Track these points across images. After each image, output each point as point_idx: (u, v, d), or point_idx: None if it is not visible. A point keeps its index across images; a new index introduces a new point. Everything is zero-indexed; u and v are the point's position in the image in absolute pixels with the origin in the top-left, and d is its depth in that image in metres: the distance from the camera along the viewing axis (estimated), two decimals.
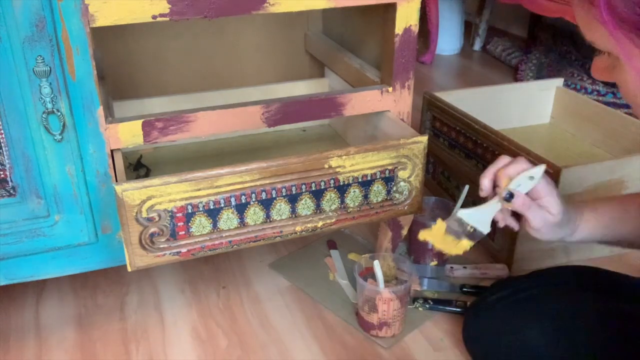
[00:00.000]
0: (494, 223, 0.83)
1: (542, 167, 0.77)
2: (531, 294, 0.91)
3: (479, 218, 0.81)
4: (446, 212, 1.21)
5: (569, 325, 0.84)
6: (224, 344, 1.05)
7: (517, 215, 0.81)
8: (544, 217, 0.78)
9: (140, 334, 1.07)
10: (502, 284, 1.02)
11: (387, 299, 1.01)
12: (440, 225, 0.84)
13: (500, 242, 1.23)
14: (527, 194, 0.77)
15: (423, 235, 0.85)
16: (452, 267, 1.21)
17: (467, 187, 1.08)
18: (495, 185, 0.80)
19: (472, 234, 0.83)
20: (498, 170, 0.78)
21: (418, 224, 1.19)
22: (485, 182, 0.79)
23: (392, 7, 0.98)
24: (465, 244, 0.83)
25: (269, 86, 1.34)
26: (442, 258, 1.23)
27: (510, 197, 0.77)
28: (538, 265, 1.15)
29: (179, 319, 1.10)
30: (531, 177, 0.76)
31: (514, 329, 0.87)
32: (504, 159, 0.79)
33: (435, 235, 0.84)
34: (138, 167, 1.20)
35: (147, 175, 1.18)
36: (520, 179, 0.76)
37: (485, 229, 0.82)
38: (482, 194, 0.80)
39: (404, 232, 1.16)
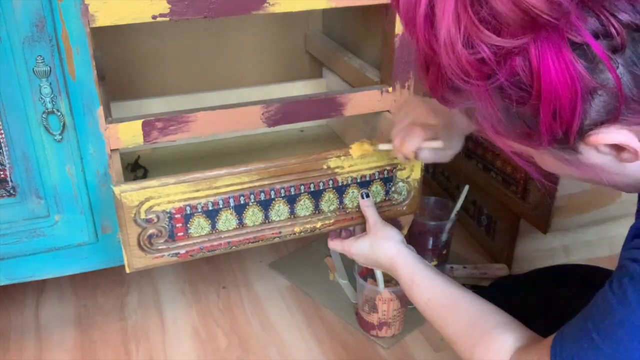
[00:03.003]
0: (492, 222, 0.85)
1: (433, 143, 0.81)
2: (530, 294, 0.91)
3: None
4: (446, 212, 1.21)
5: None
6: (224, 344, 1.05)
7: None
8: (447, 153, 0.84)
9: (140, 334, 1.07)
10: (501, 283, 1.02)
11: (387, 299, 1.01)
12: (364, 146, 0.91)
13: (500, 242, 1.23)
14: None
15: (355, 150, 0.92)
16: (452, 267, 1.21)
17: (467, 187, 1.09)
18: None
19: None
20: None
21: (418, 224, 1.19)
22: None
23: (392, 7, 0.97)
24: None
25: (267, 86, 1.34)
26: (443, 258, 1.23)
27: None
28: (538, 265, 1.15)
29: (179, 319, 1.11)
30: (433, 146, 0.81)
31: None
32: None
33: (364, 151, 0.92)
34: (136, 168, 1.20)
35: (144, 176, 1.18)
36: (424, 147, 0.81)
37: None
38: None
39: (404, 232, 1.16)
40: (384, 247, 0.85)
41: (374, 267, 0.90)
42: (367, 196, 0.92)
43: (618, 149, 0.48)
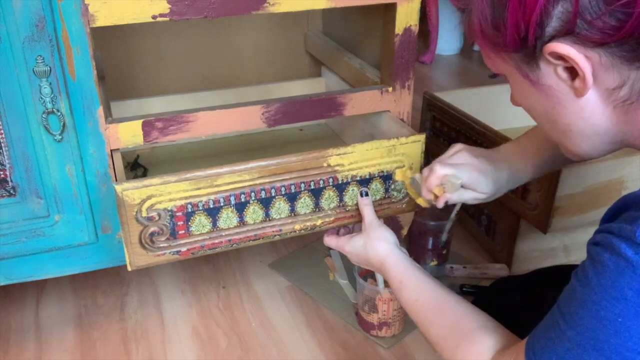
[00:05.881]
0: (492, 222, 0.85)
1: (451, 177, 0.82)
2: (530, 294, 0.91)
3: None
4: (446, 211, 1.21)
5: None
6: (223, 344, 1.05)
7: None
8: (475, 196, 0.84)
9: (140, 334, 1.07)
10: (501, 283, 1.02)
11: (387, 299, 1.01)
12: (406, 172, 0.95)
13: (500, 242, 1.23)
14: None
15: (398, 175, 0.96)
16: (452, 267, 1.21)
17: None
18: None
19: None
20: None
21: (418, 225, 1.19)
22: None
23: (392, 7, 0.98)
24: (420, 201, 0.93)
25: (266, 86, 1.34)
26: (443, 258, 1.23)
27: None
28: (538, 265, 1.15)
29: (179, 319, 1.11)
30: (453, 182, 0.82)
31: (512, 329, 0.87)
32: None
33: (405, 178, 0.96)
34: (135, 167, 1.20)
35: (144, 175, 1.18)
36: (446, 183, 0.82)
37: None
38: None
39: (404, 232, 1.16)
40: (376, 247, 0.85)
41: (365, 267, 0.91)
42: (366, 195, 0.93)
43: (572, 74, 0.53)
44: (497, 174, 0.84)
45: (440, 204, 0.84)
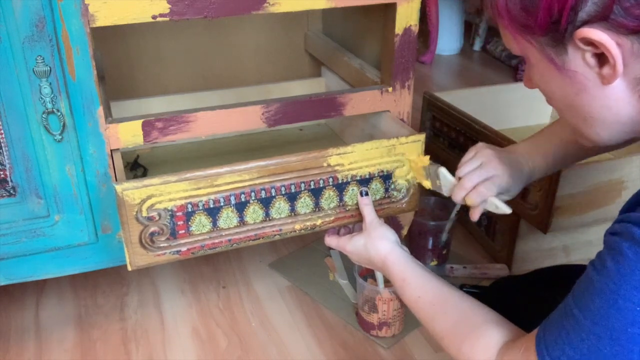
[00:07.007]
0: (492, 222, 0.85)
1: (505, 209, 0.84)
2: (530, 294, 0.91)
3: (450, 184, 0.89)
4: (446, 211, 1.21)
5: None
6: (224, 344, 1.05)
7: None
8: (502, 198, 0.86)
9: (140, 334, 1.07)
10: (501, 283, 1.02)
11: (387, 299, 1.01)
12: (423, 159, 0.94)
13: (500, 242, 1.23)
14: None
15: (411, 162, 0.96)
16: (452, 267, 1.21)
17: None
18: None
19: (437, 186, 0.91)
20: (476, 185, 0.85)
21: (418, 225, 1.20)
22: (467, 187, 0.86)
23: (392, 7, 0.98)
24: (426, 184, 0.94)
25: (266, 86, 1.34)
26: (443, 258, 1.23)
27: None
28: (538, 265, 1.15)
29: (179, 319, 1.11)
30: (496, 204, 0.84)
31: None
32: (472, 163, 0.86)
33: (416, 162, 0.95)
34: (135, 167, 1.20)
35: (144, 175, 1.18)
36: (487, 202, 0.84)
37: (446, 192, 0.90)
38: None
39: (404, 232, 1.16)
40: (377, 245, 0.85)
41: (366, 266, 0.91)
42: (366, 194, 0.93)
43: (600, 61, 0.52)
44: (520, 173, 0.86)
45: (475, 217, 0.85)
